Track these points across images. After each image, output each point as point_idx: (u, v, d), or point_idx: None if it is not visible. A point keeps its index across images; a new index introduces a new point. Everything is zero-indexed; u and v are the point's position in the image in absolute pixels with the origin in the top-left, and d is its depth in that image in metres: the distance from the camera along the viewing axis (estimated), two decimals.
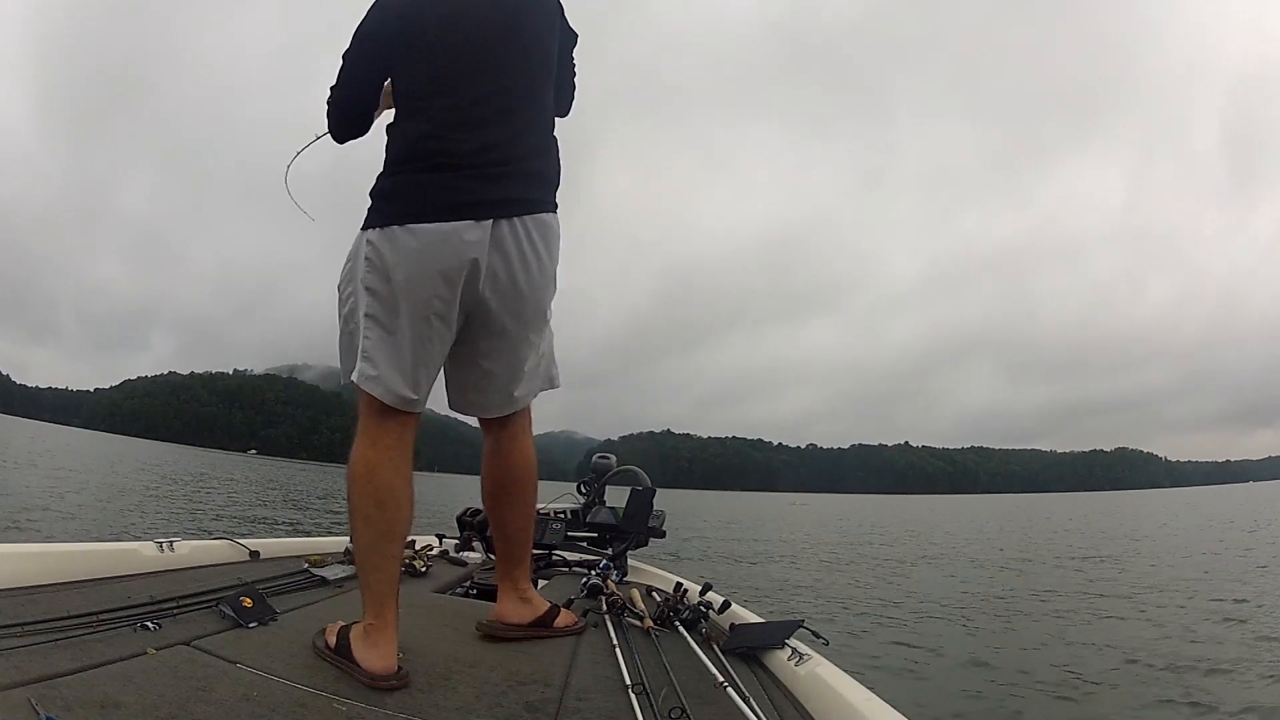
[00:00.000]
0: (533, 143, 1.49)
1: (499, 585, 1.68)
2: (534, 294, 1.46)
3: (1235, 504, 44.67)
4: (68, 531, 8.37)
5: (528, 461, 1.63)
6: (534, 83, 1.51)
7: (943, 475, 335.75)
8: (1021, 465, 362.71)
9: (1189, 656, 5.14)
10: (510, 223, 1.40)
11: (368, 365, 1.39)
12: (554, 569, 2.94)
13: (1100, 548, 15.42)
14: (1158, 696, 4.27)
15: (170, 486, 19.07)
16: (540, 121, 1.52)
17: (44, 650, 1.14)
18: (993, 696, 4.34)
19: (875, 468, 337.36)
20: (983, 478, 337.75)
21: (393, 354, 1.38)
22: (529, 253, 1.42)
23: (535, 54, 1.51)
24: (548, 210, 1.48)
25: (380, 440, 1.40)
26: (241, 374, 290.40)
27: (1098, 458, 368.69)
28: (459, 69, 1.44)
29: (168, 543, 2.03)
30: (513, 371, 1.53)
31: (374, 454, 1.39)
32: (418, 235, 1.35)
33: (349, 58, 1.52)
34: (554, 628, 1.66)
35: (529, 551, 1.72)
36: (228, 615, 1.48)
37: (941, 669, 4.95)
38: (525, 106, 1.49)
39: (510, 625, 1.62)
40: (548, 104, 1.55)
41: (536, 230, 1.43)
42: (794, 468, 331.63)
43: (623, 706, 1.24)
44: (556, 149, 1.56)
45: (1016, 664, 5.06)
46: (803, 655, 1.55)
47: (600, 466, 3.57)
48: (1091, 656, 5.26)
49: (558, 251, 1.50)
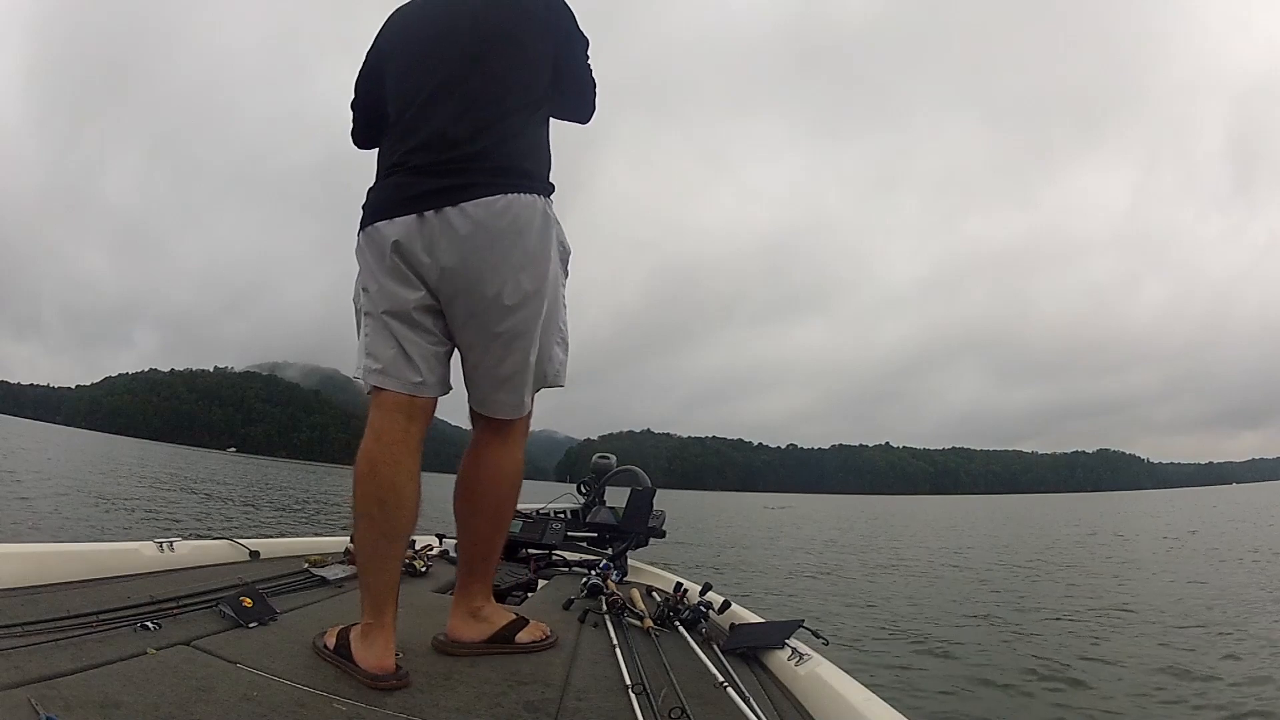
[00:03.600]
0: (482, 131, 1.45)
1: (453, 598, 1.57)
2: (483, 283, 1.41)
3: (1195, 506, 44.94)
4: (45, 531, 8.33)
5: (500, 471, 1.54)
6: (488, 75, 1.49)
7: (923, 475, 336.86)
8: (1003, 466, 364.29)
9: (1173, 659, 5.15)
10: (443, 212, 1.38)
11: (369, 360, 1.42)
12: (554, 569, 2.94)
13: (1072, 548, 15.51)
14: (1153, 694, 4.28)
15: (136, 485, 18.62)
16: (496, 110, 1.48)
17: (44, 650, 1.14)
18: (992, 696, 4.34)
19: (855, 468, 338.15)
20: (964, 478, 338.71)
21: (383, 346, 1.43)
22: (467, 239, 1.38)
23: (495, 47, 1.50)
24: (496, 192, 1.40)
25: (384, 436, 1.38)
26: (222, 371, 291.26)
27: (1079, 459, 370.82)
28: (410, 77, 1.52)
29: (168, 543, 2.03)
30: (491, 369, 1.48)
31: (377, 450, 1.37)
32: (365, 236, 1.45)
33: (360, 68, 1.64)
34: (517, 643, 1.53)
35: (491, 566, 1.60)
36: (228, 615, 1.48)
37: (941, 669, 4.95)
38: (475, 100, 1.46)
39: (461, 644, 1.49)
40: (510, 94, 1.50)
41: (481, 215, 1.38)
42: (773, 468, 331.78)
43: (623, 706, 1.24)
44: (532, 136, 1.53)
45: (1016, 664, 5.06)
46: (803, 655, 1.56)
47: (600, 466, 3.57)
48: (1090, 656, 5.27)
49: (528, 235, 1.42)
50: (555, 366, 1.56)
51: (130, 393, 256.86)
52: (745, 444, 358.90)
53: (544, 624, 1.64)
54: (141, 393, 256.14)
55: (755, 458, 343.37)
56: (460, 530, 1.59)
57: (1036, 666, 4.95)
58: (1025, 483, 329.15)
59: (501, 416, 1.52)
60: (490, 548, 1.58)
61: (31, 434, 54.56)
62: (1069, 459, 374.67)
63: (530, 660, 1.48)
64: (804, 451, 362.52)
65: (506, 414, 1.52)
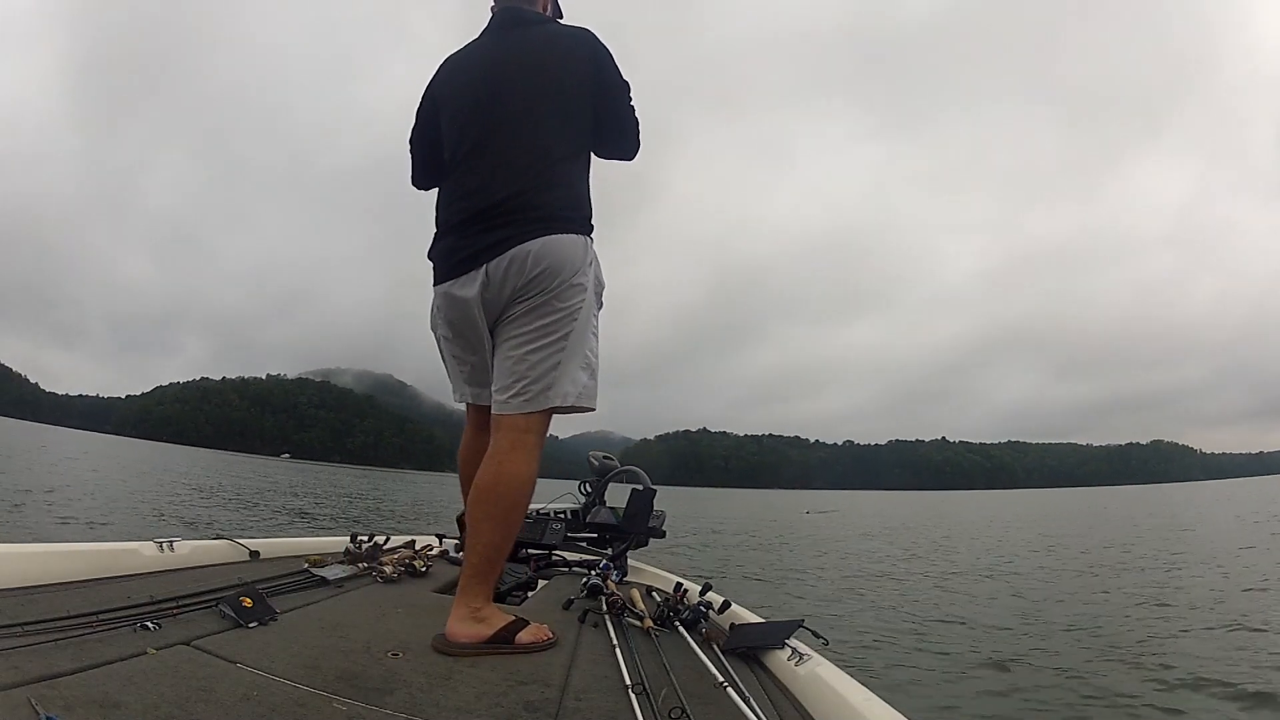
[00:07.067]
0: (526, 185, 1.62)
1: (454, 599, 1.59)
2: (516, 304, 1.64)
3: (1260, 496, 44.13)
4: (72, 532, 8.34)
5: (501, 471, 1.58)
6: (533, 129, 1.66)
7: (979, 470, 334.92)
8: (1058, 460, 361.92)
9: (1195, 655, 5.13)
10: (485, 267, 1.62)
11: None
12: (554, 569, 2.94)
13: (1118, 543, 15.33)
14: (1157, 696, 4.27)
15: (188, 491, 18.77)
16: (541, 164, 1.65)
17: (44, 650, 1.14)
18: (993, 696, 4.33)
19: (912, 463, 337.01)
20: (1019, 473, 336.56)
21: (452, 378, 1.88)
22: (508, 282, 1.61)
23: (540, 101, 1.68)
24: (537, 237, 1.60)
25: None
26: (274, 378, 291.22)
27: (1134, 451, 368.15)
28: (456, 129, 1.73)
29: (168, 543, 2.03)
30: (503, 370, 1.65)
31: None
32: (435, 294, 1.77)
33: (416, 111, 1.87)
34: (516, 644, 1.54)
35: (496, 570, 1.63)
36: (228, 615, 1.48)
37: (942, 669, 4.95)
38: (519, 154, 1.65)
39: (459, 645, 1.50)
40: (554, 147, 1.67)
41: (513, 265, 1.60)
42: (830, 465, 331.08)
43: (623, 706, 1.24)
44: (575, 183, 1.70)
45: (1017, 664, 5.05)
46: (803, 655, 1.56)
47: (601, 466, 3.57)
48: (1094, 655, 5.26)
49: (552, 270, 1.60)
50: (578, 389, 1.65)
51: (181, 401, 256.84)
52: (802, 441, 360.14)
53: (544, 625, 1.64)
54: (192, 401, 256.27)
55: (811, 455, 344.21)
56: (470, 534, 1.61)
57: (1039, 666, 4.95)
58: (1080, 476, 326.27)
59: (499, 409, 1.64)
60: (495, 552, 1.60)
61: (75, 443, 52.85)
62: (1123, 451, 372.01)
63: (530, 660, 1.48)
64: (860, 448, 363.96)
65: (501, 408, 1.64)
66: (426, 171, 1.85)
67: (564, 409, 1.64)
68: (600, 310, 1.74)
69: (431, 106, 1.81)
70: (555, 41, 1.75)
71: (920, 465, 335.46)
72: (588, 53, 1.73)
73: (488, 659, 1.46)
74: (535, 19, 1.81)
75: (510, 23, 1.79)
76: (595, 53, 1.73)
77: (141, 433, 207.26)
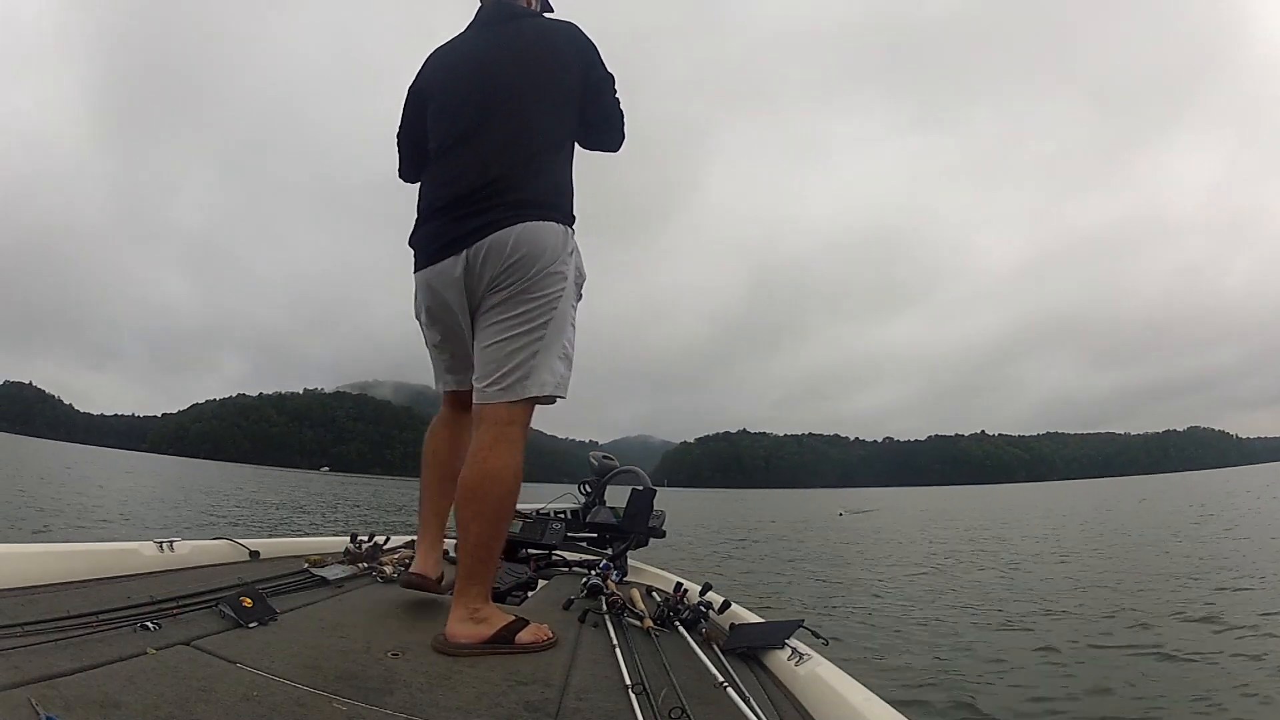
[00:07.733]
0: (507, 173, 1.63)
1: (453, 599, 1.57)
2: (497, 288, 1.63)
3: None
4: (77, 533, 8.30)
5: (486, 468, 1.56)
6: (517, 119, 1.67)
7: (1019, 463, 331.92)
8: (1096, 449, 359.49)
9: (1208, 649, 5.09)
10: (465, 253, 1.62)
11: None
12: (554, 569, 2.94)
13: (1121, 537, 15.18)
14: (1162, 693, 4.26)
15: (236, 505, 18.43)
16: (523, 154, 1.65)
17: (44, 650, 1.14)
18: (994, 697, 4.33)
19: (952, 458, 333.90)
20: (1059, 464, 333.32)
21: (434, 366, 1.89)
22: (487, 268, 1.61)
23: (524, 93, 1.69)
24: (517, 223, 1.60)
25: None
26: (312, 393, 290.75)
27: (1171, 439, 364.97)
28: (442, 120, 1.74)
29: (168, 543, 2.03)
30: (483, 359, 1.65)
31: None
32: (415, 281, 1.76)
33: (403, 105, 1.88)
34: (516, 644, 1.53)
35: (490, 568, 1.62)
36: (228, 615, 1.48)
37: (942, 669, 4.95)
38: (502, 144, 1.65)
39: (458, 645, 1.48)
40: (536, 137, 1.68)
41: (491, 251, 1.60)
42: (870, 463, 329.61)
43: (623, 706, 1.24)
44: (557, 173, 1.71)
45: (1018, 664, 5.05)
46: (803, 655, 1.56)
47: (601, 466, 3.58)
48: (1099, 653, 5.25)
49: (530, 257, 1.60)
50: (555, 379, 1.64)
51: (218, 418, 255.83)
52: (842, 439, 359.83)
53: (544, 624, 1.64)
54: (229, 418, 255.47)
55: (851, 453, 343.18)
56: (460, 534, 1.60)
57: (1040, 666, 4.95)
58: (1119, 465, 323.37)
59: (479, 397, 1.64)
60: (487, 550, 1.59)
61: (107, 460, 51.40)
62: (1160, 439, 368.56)
63: (530, 660, 1.48)
64: (900, 444, 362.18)
65: (479, 397, 1.64)
66: (413, 165, 1.86)
67: (542, 399, 1.63)
68: (579, 302, 1.74)
69: (418, 100, 1.81)
70: (545, 35, 1.77)
71: (960, 460, 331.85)
72: (576, 46, 1.75)
73: (487, 659, 1.45)
74: (524, 12, 1.83)
75: (500, 16, 1.80)
76: (583, 46, 1.75)
77: (178, 450, 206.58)
